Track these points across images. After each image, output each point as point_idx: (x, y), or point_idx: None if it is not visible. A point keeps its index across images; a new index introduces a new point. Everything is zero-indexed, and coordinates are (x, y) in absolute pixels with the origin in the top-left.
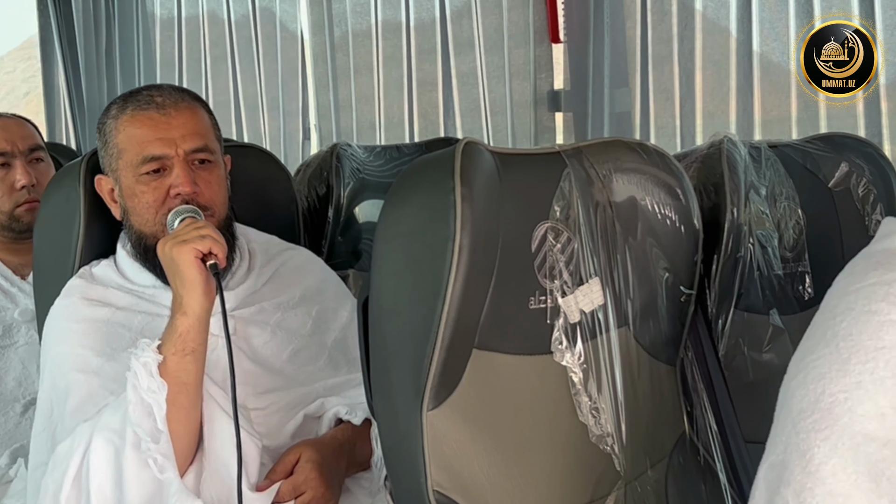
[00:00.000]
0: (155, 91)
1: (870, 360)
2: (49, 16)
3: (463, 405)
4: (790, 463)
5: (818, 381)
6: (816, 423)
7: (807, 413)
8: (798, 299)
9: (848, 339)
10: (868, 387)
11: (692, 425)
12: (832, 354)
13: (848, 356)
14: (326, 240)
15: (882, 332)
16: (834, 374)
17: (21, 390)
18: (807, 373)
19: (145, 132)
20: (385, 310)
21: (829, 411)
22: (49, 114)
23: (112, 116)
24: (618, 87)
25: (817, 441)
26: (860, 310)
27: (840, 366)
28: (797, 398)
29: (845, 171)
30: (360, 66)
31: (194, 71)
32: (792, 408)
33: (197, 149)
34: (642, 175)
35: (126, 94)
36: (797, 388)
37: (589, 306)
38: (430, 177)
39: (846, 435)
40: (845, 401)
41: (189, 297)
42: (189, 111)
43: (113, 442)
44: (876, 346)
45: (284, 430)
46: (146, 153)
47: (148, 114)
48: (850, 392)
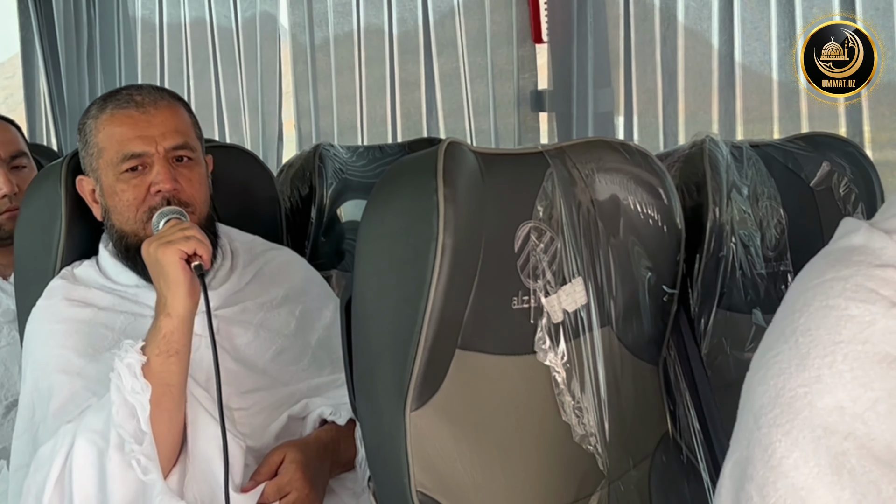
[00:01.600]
0: (134, 90)
1: (828, 354)
2: (30, 16)
3: (446, 405)
4: (753, 458)
5: (778, 376)
6: (777, 417)
7: (768, 408)
8: (780, 298)
9: (807, 335)
10: (827, 381)
11: (675, 424)
12: (791, 350)
13: (807, 351)
14: (309, 240)
15: (840, 326)
16: (794, 370)
17: (3, 392)
18: (767, 368)
19: (125, 130)
20: (368, 310)
21: (789, 406)
22: (30, 115)
23: (92, 116)
24: (601, 88)
25: (779, 436)
26: (818, 305)
27: (799, 361)
28: (758, 394)
29: (827, 170)
30: (342, 67)
31: (176, 72)
32: (753, 404)
33: (177, 146)
34: (625, 175)
35: (106, 94)
36: (758, 384)
37: (572, 306)
38: (412, 177)
39: (807, 428)
40: (805, 395)
41: (173, 298)
42: (169, 109)
43: (96, 443)
44: (834, 341)
45: (268, 431)
46: (126, 151)
47: (127, 112)
48: (809, 386)
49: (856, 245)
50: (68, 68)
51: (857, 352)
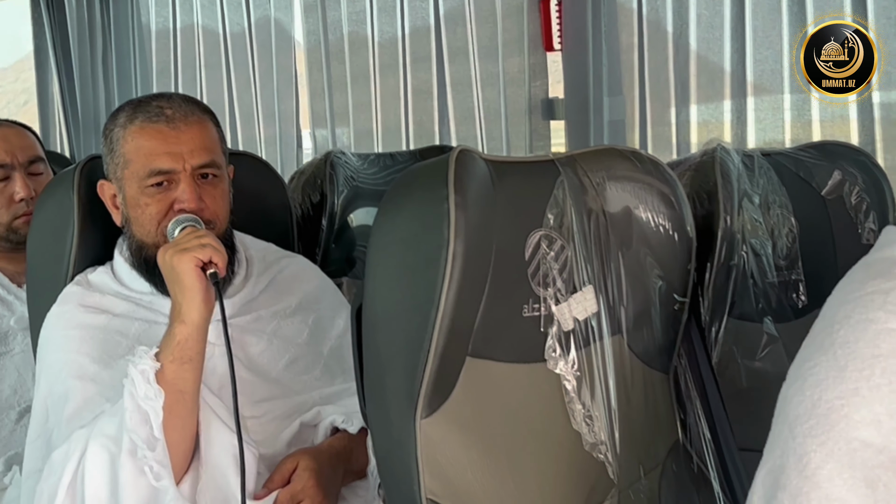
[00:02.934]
0: (165, 102)
1: (866, 367)
2: (43, 24)
3: (456, 413)
4: (787, 467)
5: (815, 387)
6: (813, 428)
7: (803, 419)
8: (792, 307)
9: (845, 347)
10: (865, 394)
11: (685, 433)
12: (829, 362)
13: (845, 363)
14: (320, 247)
15: (879, 340)
16: (831, 381)
17: (16, 398)
18: (804, 379)
19: (154, 145)
20: (379, 317)
21: (825, 417)
22: (43, 121)
23: (120, 125)
24: (613, 96)
25: (814, 446)
26: (857, 318)
27: (837, 373)
28: (794, 404)
29: (838, 179)
30: (357, 74)
31: (189, 78)
32: (789, 414)
33: (204, 164)
34: (636, 183)
35: (135, 102)
36: (794, 394)
37: (582, 314)
38: (423, 185)
39: (842, 440)
40: (842, 407)
41: (188, 306)
42: (198, 125)
43: (109, 449)
44: (873, 354)
45: (280, 439)
46: (154, 167)
47: (157, 127)
48: (846, 399)
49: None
50: (81, 75)
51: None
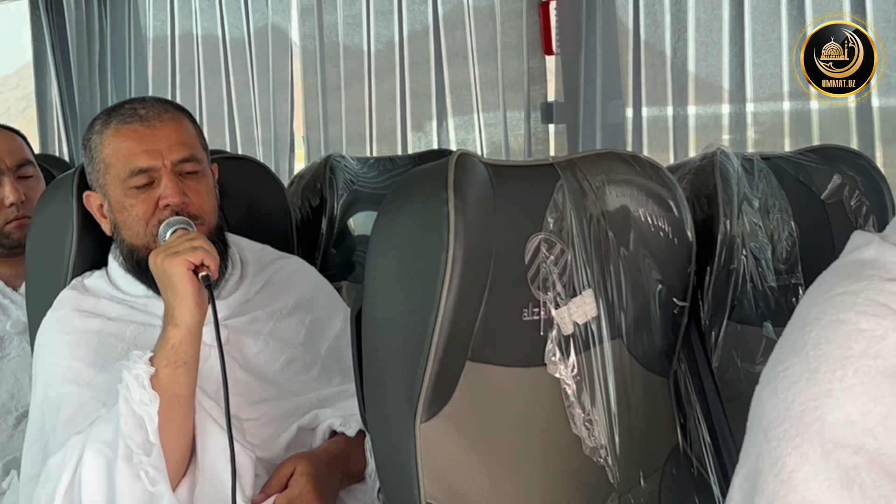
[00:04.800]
0: (138, 104)
1: (839, 368)
2: (42, 28)
3: (456, 417)
4: (763, 471)
5: (788, 389)
6: (787, 431)
7: (777, 422)
8: (791, 311)
9: (817, 349)
10: (837, 395)
11: (685, 437)
12: (802, 363)
13: (817, 365)
14: (320, 251)
15: (850, 340)
16: (804, 383)
17: (13, 402)
18: (777, 382)
19: (131, 145)
20: (378, 321)
21: (799, 419)
22: (42, 125)
23: (97, 132)
24: (611, 99)
25: (788, 449)
26: (829, 319)
27: (810, 374)
28: (768, 407)
29: (838, 183)
30: (351, 78)
31: (188, 84)
32: (763, 417)
33: (183, 159)
34: (635, 187)
35: (109, 108)
36: (768, 397)
37: (582, 318)
38: (423, 189)
39: (817, 443)
40: (815, 409)
41: (181, 309)
42: (173, 122)
43: (105, 454)
44: (844, 355)
45: (278, 442)
46: (133, 166)
47: (132, 127)
48: (819, 400)
49: (867, 258)
50: (80, 79)
51: (867, 366)
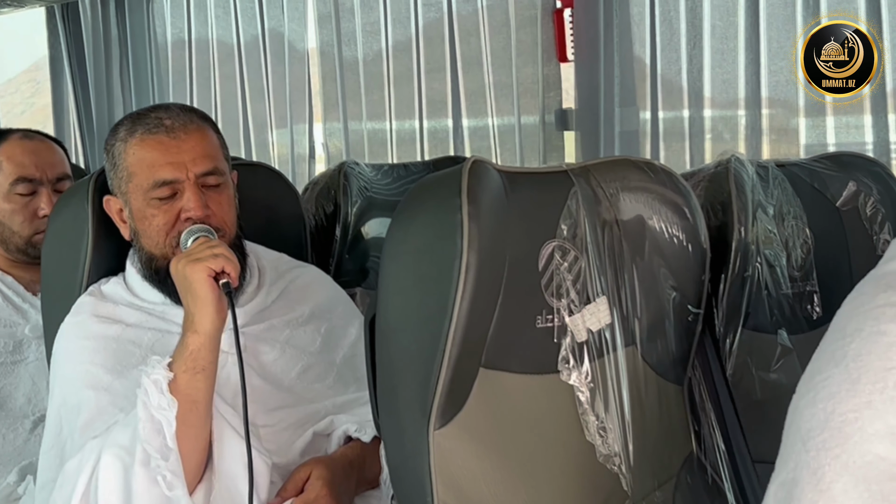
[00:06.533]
0: (163, 113)
1: (879, 380)
2: (58, 34)
3: (470, 424)
4: (800, 481)
5: (828, 400)
6: (826, 441)
7: (816, 432)
8: (806, 319)
9: (858, 360)
10: (878, 406)
11: (700, 445)
12: (842, 374)
13: (858, 376)
14: (334, 258)
15: (891, 352)
16: (844, 394)
17: (30, 407)
18: (816, 392)
19: (155, 156)
20: (392, 328)
21: (839, 430)
22: (58, 132)
23: (120, 139)
24: (626, 106)
25: (828, 459)
26: (869, 331)
27: (850, 385)
28: (806, 417)
29: (853, 190)
30: (372, 85)
31: (204, 88)
32: (801, 426)
33: (207, 172)
34: (649, 194)
35: (133, 115)
36: (806, 407)
37: (596, 325)
38: (437, 195)
39: (857, 454)
40: (855, 420)
41: (201, 315)
42: (198, 133)
43: (122, 459)
44: (885, 367)
45: (293, 448)
46: (157, 178)
47: (158, 137)
48: (860, 411)
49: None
50: (97, 86)
51: None
